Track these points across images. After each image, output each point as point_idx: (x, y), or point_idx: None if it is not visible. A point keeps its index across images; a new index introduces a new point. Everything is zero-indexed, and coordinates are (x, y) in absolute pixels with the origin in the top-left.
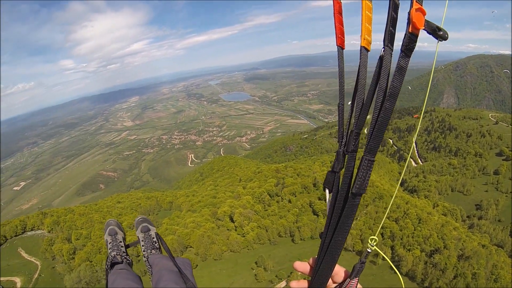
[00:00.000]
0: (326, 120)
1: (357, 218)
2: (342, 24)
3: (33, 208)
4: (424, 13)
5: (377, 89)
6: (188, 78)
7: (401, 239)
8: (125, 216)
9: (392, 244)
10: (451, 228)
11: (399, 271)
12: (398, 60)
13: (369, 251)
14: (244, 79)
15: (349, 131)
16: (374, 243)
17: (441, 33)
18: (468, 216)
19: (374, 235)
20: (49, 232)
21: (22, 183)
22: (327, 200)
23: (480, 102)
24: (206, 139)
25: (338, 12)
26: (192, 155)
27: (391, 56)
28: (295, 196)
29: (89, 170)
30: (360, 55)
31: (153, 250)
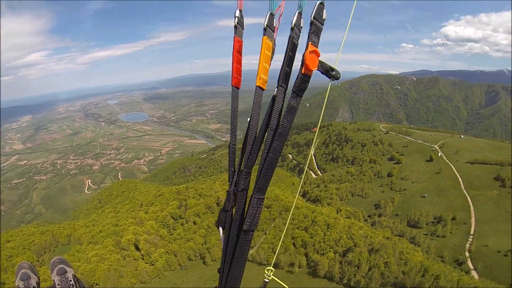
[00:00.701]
0: (224, 139)
1: (266, 233)
2: (240, 64)
3: None
4: (318, 55)
5: (267, 128)
6: (87, 96)
7: (313, 245)
8: (17, 257)
9: (305, 252)
10: (357, 228)
11: (317, 275)
12: (289, 100)
13: (267, 281)
14: (144, 99)
15: (240, 171)
16: (271, 273)
17: (334, 73)
18: (369, 216)
19: (272, 262)
20: None
21: None
22: (221, 237)
23: (371, 115)
24: (103, 162)
25: (237, 51)
26: (89, 180)
27: (284, 95)
28: (200, 217)
29: None
30: (255, 95)
31: None
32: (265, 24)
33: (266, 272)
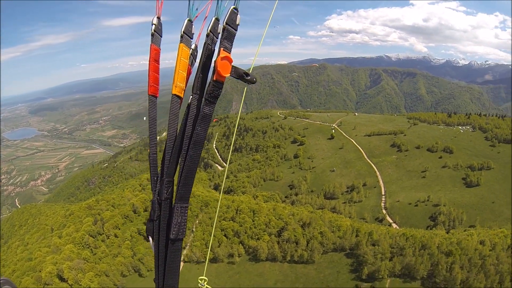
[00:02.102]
0: (122, 145)
1: (193, 231)
2: (157, 72)
3: None
4: (230, 61)
5: (184, 136)
6: None
7: (245, 232)
8: None
9: (240, 240)
10: (281, 208)
11: (259, 260)
12: (202, 108)
13: None
14: (30, 112)
15: (161, 180)
16: (205, 283)
17: (249, 77)
18: (286, 196)
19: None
20: None
21: None
22: (151, 246)
23: (265, 104)
24: None
25: (154, 59)
26: None
27: (200, 102)
28: (119, 229)
29: None
30: (171, 103)
31: None
32: (182, 31)
33: (200, 281)
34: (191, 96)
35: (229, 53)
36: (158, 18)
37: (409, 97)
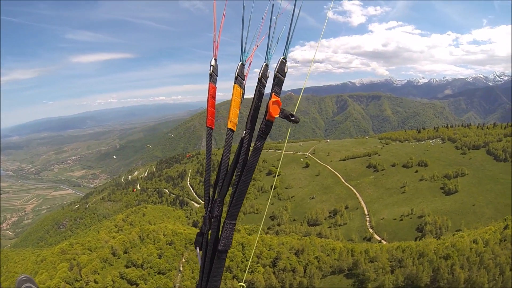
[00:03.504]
0: (92, 185)
1: (180, 270)
2: (214, 107)
3: None
4: (279, 104)
5: (237, 164)
6: None
7: (238, 267)
8: None
9: (233, 275)
10: (269, 239)
11: None
12: (255, 142)
13: None
14: None
15: (213, 200)
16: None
17: (293, 118)
18: (269, 228)
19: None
20: None
21: None
22: (198, 257)
23: (234, 138)
24: None
25: (212, 96)
26: None
27: (251, 137)
28: (99, 274)
29: None
30: (226, 136)
31: None
32: (236, 73)
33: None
34: (244, 131)
35: (279, 97)
36: (215, 59)
37: (376, 119)
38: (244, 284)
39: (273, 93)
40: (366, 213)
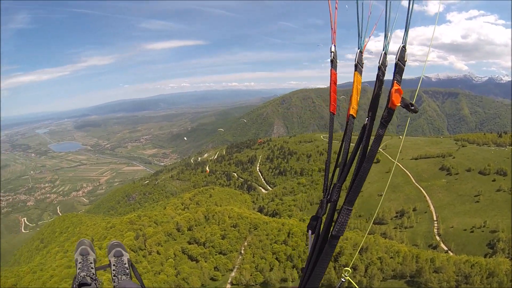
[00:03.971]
0: (163, 164)
1: (241, 253)
2: (335, 93)
3: None
4: (401, 93)
5: (357, 151)
6: (11, 125)
7: (299, 257)
8: None
9: (293, 264)
10: None
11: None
12: (378, 130)
13: (343, 280)
14: (75, 127)
15: (332, 185)
16: (348, 274)
17: (413, 107)
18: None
19: (347, 267)
20: None
21: None
22: (309, 240)
23: (307, 128)
24: (38, 197)
25: (334, 82)
26: (25, 218)
27: (372, 124)
28: (162, 246)
29: None
30: (347, 122)
31: (123, 276)
32: (356, 61)
33: (344, 273)
34: (366, 118)
35: (400, 86)
36: (334, 46)
37: (451, 118)
38: (349, 269)
39: (395, 81)
40: (435, 218)
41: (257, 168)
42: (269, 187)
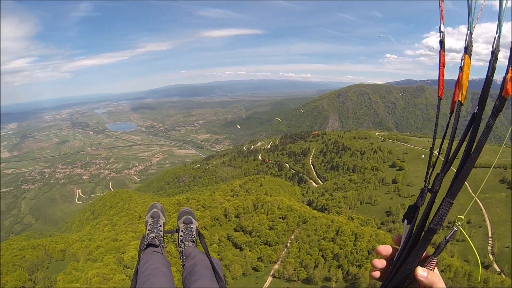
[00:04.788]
0: (215, 149)
1: (287, 246)
2: (444, 76)
3: None
4: None
5: (464, 140)
6: (73, 105)
7: (346, 257)
8: (6, 275)
9: (338, 264)
10: (382, 235)
11: None
12: (488, 120)
13: (456, 229)
14: (131, 109)
15: (437, 174)
16: (460, 223)
17: None
18: (382, 223)
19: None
20: None
21: None
22: (404, 230)
23: (361, 124)
24: (93, 172)
25: (443, 64)
26: (79, 190)
27: (481, 113)
28: (208, 230)
29: None
30: (456, 108)
31: (190, 243)
32: (466, 43)
33: (456, 222)
34: (477, 107)
35: None
36: (443, 24)
37: None
38: (463, 217)
39: (510, 68)
40: (490, 235)
41: (310, 160)
42: (320, 181)
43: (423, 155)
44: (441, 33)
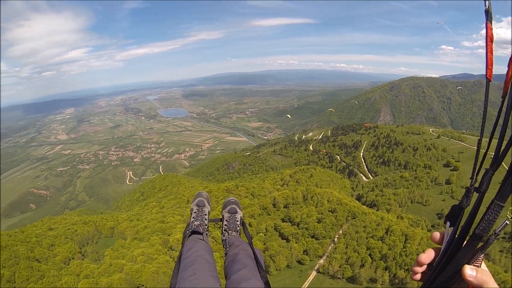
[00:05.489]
0: (266, 137)
1: (334, 240)
2: (492, 53)
3: None
4: None
5: None
6: (126, 91)
7: (394, 259)
8: (58, 247)
9: (386, 266)
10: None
11: None
12: None
13: (507, 222)
14: (183, 95)
15: (485, 171)
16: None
17: None
18: (432, 225)
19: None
20: None
21: None
22: (446, 233)
23: (414, 119)
24: (144, 155)
25: (490, 39)
26: (130, 172)
27: None
28: (255, 219)
29: (17, 188)
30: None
31: (234, 232)
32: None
33: (508, 213)
34: None
35: None
36: None
37: None
38: None
39: None
40: None
41: (361, 154)
42: (370, 176)
43: None
44: (485, 1)
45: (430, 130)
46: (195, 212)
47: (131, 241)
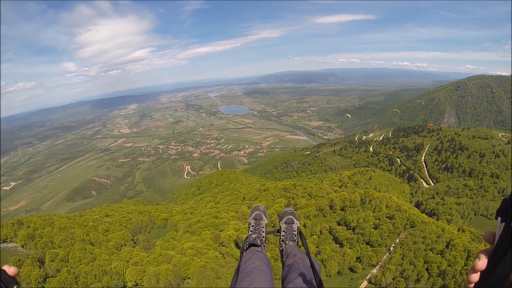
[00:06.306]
0: (326, 137)
1: (390, 249)
2: None
3: (21, 210)
4: None
5: None
6: (187, 89)
7: (453, 277)
8: (112, 233)
9: (443, 283)
10: None
11: None
12: None
13: None
14: (244, 93)
15: None
16: None
17: None
18: None
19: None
20: (22, 246)
21: (13, 183)
22: (497, 228)
23: (481, 122)
24: (203, 151)
25: None
26: (189, 166)
27: None
28: (310, 220)
29: (82, 175)
30: None
31: (291, 242)
32: None
33: None
34: None
35: None
36: None
37: None
38: None
39: None
40: None
41: (423, 157)
42: (431, 182)
43: None
44: None
45: (499, 134)
46: (252, 226)
47: (182, 234)
